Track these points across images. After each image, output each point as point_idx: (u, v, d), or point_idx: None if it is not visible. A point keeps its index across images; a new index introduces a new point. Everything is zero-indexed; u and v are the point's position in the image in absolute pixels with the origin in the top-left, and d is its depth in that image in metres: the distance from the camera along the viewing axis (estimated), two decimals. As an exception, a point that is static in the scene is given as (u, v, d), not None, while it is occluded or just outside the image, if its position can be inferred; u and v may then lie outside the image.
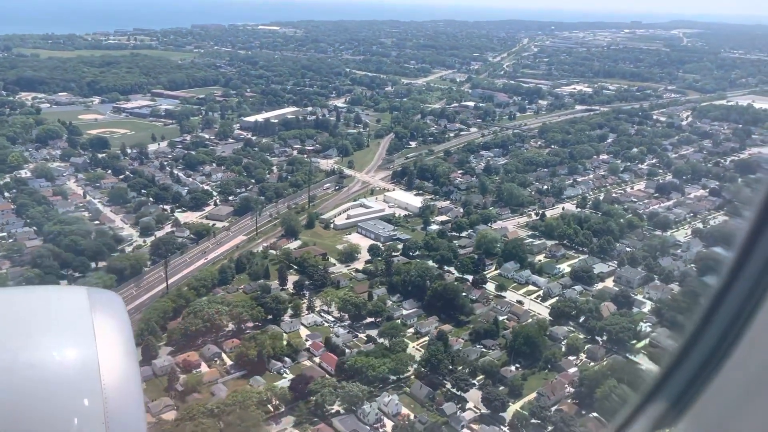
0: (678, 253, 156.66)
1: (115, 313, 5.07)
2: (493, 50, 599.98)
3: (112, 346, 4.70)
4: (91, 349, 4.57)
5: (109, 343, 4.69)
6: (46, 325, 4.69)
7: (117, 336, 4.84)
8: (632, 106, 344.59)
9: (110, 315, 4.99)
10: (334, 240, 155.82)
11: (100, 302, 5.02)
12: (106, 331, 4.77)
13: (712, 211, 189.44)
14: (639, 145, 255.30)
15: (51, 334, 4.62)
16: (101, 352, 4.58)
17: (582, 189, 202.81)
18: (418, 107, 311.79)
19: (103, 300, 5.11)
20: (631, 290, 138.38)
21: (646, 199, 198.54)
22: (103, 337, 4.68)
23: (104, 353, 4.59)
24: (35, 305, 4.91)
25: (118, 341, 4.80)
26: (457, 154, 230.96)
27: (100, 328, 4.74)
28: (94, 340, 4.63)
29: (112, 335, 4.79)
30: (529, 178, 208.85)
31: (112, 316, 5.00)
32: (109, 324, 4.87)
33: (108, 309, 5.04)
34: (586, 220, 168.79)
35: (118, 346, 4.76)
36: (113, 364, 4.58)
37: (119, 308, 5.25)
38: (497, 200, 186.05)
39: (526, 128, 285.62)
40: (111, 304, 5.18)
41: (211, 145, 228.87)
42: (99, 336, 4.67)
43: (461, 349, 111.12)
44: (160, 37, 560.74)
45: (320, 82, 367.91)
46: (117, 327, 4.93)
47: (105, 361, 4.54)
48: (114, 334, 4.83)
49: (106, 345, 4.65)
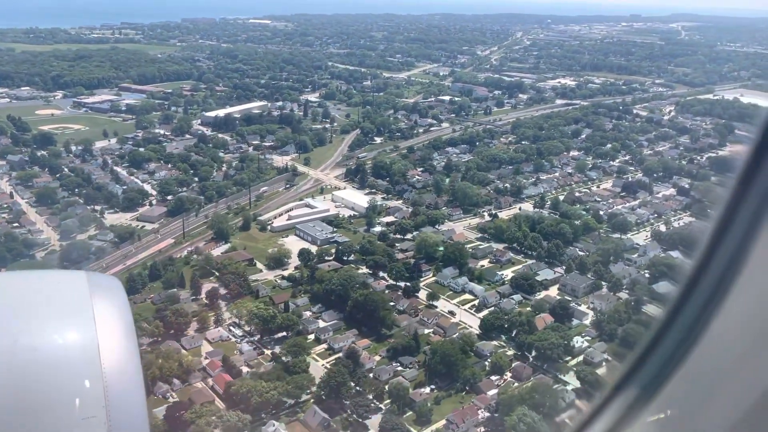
0: (633, 258, 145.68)
1: (114, 297, 5.04)
2: (484, 44, 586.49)
3: (111, 330, 4.69)
4: (90, 332, 4.57)
5: (108, 326, 4.69)
6: (46, 309, 4.70)
7: (116, 319, 4.82)
8: (614, 100, 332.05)
9: (110, 299, 4.97)
10: (268, 243, 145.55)
11: (99, 286, 5.02)
12: (106, 314, 4.76)
13: (678, 212, 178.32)
14: (614, 141, 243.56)
15: (51, 318, 4.63)
16: (101, 336, 4.58)
17: (544, 188, 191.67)
18: (392, 102, 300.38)
19: (102, 284, 5.12)
20: (576, 299, 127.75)
21: (610, 198, 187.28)
22: (102, 321, 4.68)
23: (104, 336, 4.59)
24: (35, 289, 4.94)
25: (117, 325, 4.79)
26: (420, 151, 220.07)
27: (100, 312, 4.73)
28: (93, 323, 4.63)
29: (111, 319, 4.77)
30: (489, 176, 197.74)
31: (112, 300, 4.97)
32: (109, 308, 4.85)
33: (107, 293, 5.03)
34: (540, 221, 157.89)
35: (117, 330, 4.74)
36: (113, 347, 4.58)
37: (119, 292, 5.19)
38: (452, 200, 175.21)
39: (500, 123, 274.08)
40: (110, 288, 5.15)
41: (165, 141, 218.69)
42: (99, 319, 4.66)
43: (375, 367, 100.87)
44: (146, 31, 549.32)
45: (298, 76, 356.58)
46: (116, 311, 4.90)
47: (105, 344, 4.54)
48: (113, 317, 4.81)
49: (105, 328, 4.65)
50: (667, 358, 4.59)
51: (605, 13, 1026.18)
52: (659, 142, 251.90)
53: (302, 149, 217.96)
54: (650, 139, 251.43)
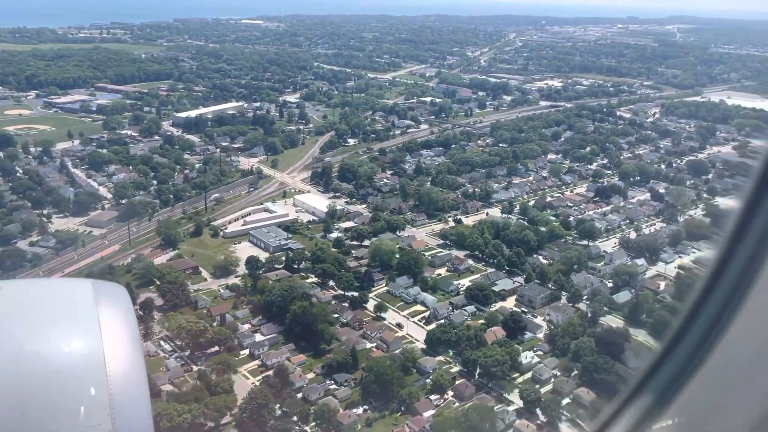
0: (598, 266, 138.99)
1: (119, 305, 5.03)
2: (475, 45, 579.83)
3: (117, 337, 4.69)
4: (96, 340, 4.58)
5: (114, 333, 4.69)
6: (52, 317, 4.70)
7: (122, 327, 4.82)
8: (599, 102, 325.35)
9: (115, 306, 4.95)
10: (219, 250, 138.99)
11: (105, 294, 5.01)
12: (111, 322, 4.76)
13: (650, 218, 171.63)
14: (593, 144, 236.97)
15: (57, 325, 4.63)
16: (106, 343, 4.58)
17: (515, 192, 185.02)
18: (371, 103, 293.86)
19: (108, 292, 5.11)
20: (533, 311, 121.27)
21: (583, 203, 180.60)
22: (108, 328, 4.68)
23: (109, 344, 4.59)
24: (41, 297, 4.93)
25: (122, 332, 4.79)
26: (392, 153, 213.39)
27: (105, 320, 4.74)
28: (99, 330, 4.63)
29: (116, 326, 4.77)
30: (460, 180, 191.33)
31: (117, 308, 4.96)
32: (114, 315, 4.85)
33: (113, 300, 5.01)
34: (505, 227, 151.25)
35: (123, 337, 4.75)
36: (118, 355, 4.58)
37: (124, 300, 5.20)
38: (418, 205, 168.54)
39: (479, 125, 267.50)
40: (116, 296, 5.15)
41: (132, 142, 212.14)
42: (104, 327, 4.67)
43: (305, 386, 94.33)
44: (135, 31, 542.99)
45: (281, 77, 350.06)
46: (122, 318, 4.90)
47: (110, 352, 4.54)
48: (119, 325, 4.81)
49: (111, 336, 4.65)
50: (682, 365, 4.51)
51: (602, 15, 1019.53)
52: (640, 145, 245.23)
53: (271, 151, 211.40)
54: (631, 142, 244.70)
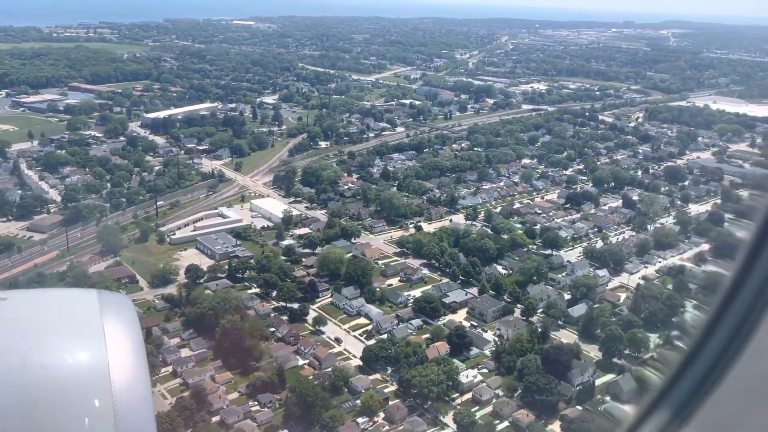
0: (558, 278, 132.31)
1: (124, 316, 4.97)
2: (465, 47, 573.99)
3: (121, 348, 4.63)
4: (101, 351, 4.54)
5: (118, 345, 4.64)
6: (56, 327, 4.66)
7: (126, 338, 4.76)
8: (582, 106, 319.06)
9: (120, 317, 4.90)
10: (162, 257, 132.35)
11: (110, 305, 4.96)
12: (116, 333, 4.71)
13: (620, 226, 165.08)
14: (570, 148, 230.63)
15: (62, 336, 4.59)
16: (111, 354, 4.54)
17: (483, 198, 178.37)
18: (350, 105, 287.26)
19: (113, 302, 5.04)
20: (484, 324, 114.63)
21: (552, 210, 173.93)
22: (112, 339, 4.63)
23: (114, 355, 4.55)
24: (46, 307, 4.88)
25: (127, 343, 4.73)
26: (362, 157, 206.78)
27: (110, 331, 4.69)
28: (104, 342, 4.59)
29: (121, 337, 4.72)
30: (428, 184, 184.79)
31: (122, 319, 4.90)
32: (119, 326, 4.80)
33: (118, 311, 4.95)
34: (465, 235, 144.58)
35: (127, 348, 4.69)
36: (123, 366, 4.53)
37: (129, 311, 5.11)
38: (379, 210, 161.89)
39: (457, 128, 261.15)
40: (121, 307, 5.07)
41: (95, 143, 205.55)
42: (109, 338, 4.63)
43: (225, 407, 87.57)
44: (123, 30, 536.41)
45: (262, 77, 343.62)
46: (126, 329, 4.83)
47: (115, 363, 4.50)
48: (123, 336, 4.75)
49: (115, 347, 4.60)
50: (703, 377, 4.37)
51: (599, 19, 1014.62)
52: (619, 150, 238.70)
53: (237, 153, 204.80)
54: (609, 148, 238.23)
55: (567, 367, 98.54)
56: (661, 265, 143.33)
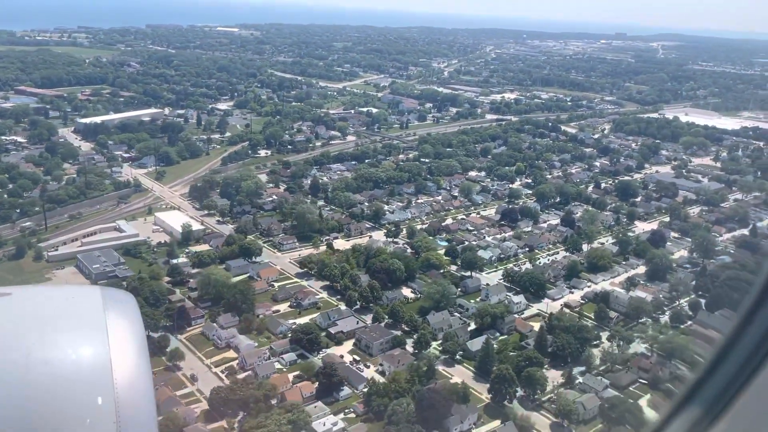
0: (469, 304, 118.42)
1: (127, 312, 4.97)
2: (445, 56, 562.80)
3: (124, 344, 4.63)
4: (103, 347, 4.53)
5: (121, 341, 4.63)
6: (60, 323, 4.66)
7: (129, 334, 4.75)
8: (547, 116, 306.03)
9: (123, 314, 4.89)
10: (34, 277, 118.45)
11: (113, 301, 4.95)
12: (119, 329, 4.70)
13: (555, 245, 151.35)
14: (523, 160, 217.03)
15: (65, 332, 4.59)
16: (114, 350, 4.53)
17: (412, 213, 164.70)
18: (306, 112, 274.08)
19: (116, 299, 5.03)
20: (369, 358, 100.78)
21: (486, 227, 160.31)
22: (115, 336, 4.63)
23: (116, 351, 4.54)
24: (50, 303, 4.91)
25: (130, 339, 4.72)
26: (297, 166, 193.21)
27: (113, 327, 4.68)
28: (106, 338, 4.58)
29: (124, 333, 4.71)
30: (358, 197, 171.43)
31: (125, 315, 4.90)
32: (122, 323, 4.79)
33: (121, 308, 4.95)
34: (376, 254, 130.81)
35: (130, 345, 4.68)
36: (125, 362, 4.52)
37: (132, 307, 5.12)
38: (296, 225, 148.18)
39: (409, 138, 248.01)
40: (124, 304, 5.07)
41: (14, 149, 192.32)
42: (111, 334, 4.62)
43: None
44: (99, 35, 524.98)
45: (224, 83, 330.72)
46: (129, 326, 4.83)
47: (117, 359, 4.49)
48: (126, 332, 4.74)
49: (118, 343, 4.60)
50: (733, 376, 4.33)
51: (592, 31, 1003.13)
52: (575, 162, 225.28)
53: (164, 161, 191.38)
54: (565, 160, 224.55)
55: (444, 413, 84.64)
56: (589, 290, 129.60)
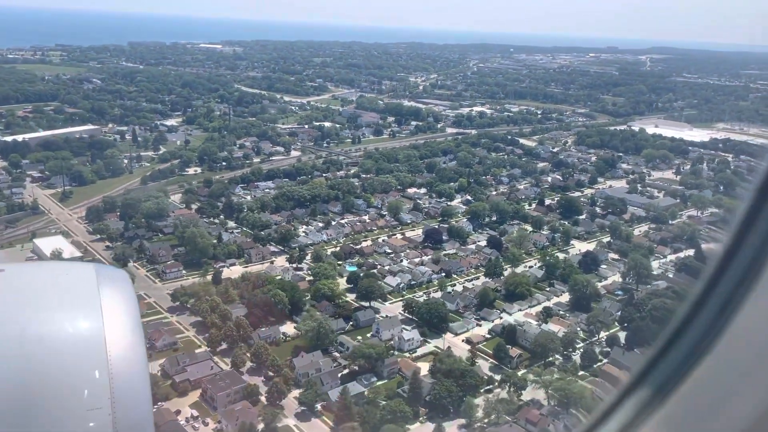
0: (355, 342, 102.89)
1: (121, 289, 4.94)
2: (425, 70, 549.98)
3: (118, 320, 4.61)
4: (97, 322, 4.51)
5: (115, 317, 4.61)
6: (54, 299, 4.63)
7: (123, 311, 4.74)
8: (509, 130, 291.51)
9: (117, 290, 4.87)
10: None
11: (107, 277, 4.92)
12: (113, 305, 4.68)
13: (476, 269, 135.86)
14: (470, 176, 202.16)
15: (59, 308, 4.56)
16: (107, 326, 4.51)
17: (329, 235, 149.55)
18: (256, 127, 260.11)
19: (110, 275, 5.01)
20: (211, 414, 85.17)
21: (407, 249, 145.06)
22: (109, 312, 4.61)
23: (110, 327, 4.52)
24: (44, 280, 4.86)
25: (124, 316, 4.70)
26: (217, 185, 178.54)
27: (107, 303, 4.66)
28: (100, 314, 4.56)
29: (118, 310, 4.69)
30: (275, 217, 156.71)
31: (119, 291, 4.88)
32: (116, 299, 4.77)
33: (115, 284, 4.92)
34: (265, 284, 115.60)
35: (124, 321, 4.66)
36: (119, 338, 4.50)
37: (126, 284, 5.09)
38: (191, 250, 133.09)
39: (354, 154, 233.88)
40: (118, 280, 5.04)
41: None
42: (105, 310, 4.60)
43: None
44: (75, 53, 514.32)
45: (180, 99, 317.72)
46: (123, 302, 4.81)
47: (111, 335, 4.47)
48: (120, 308, 4.72)
49: (112, 319, 4.58)
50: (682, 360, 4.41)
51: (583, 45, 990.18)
52: (526, 177, 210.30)
53: (77, 181, 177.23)
54: (514, 175, 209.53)
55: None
56: (501, 321, 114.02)
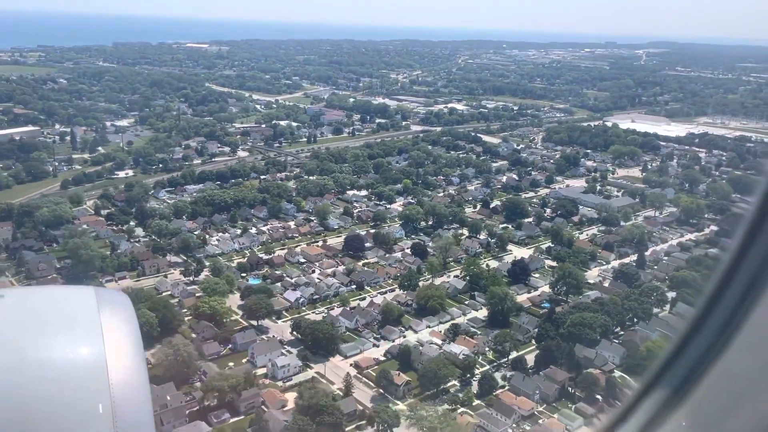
0: (227, 368, 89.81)
1: (122, 312, 4.81)
2: (410, 67, 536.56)
3: (119, 345, 4.49)
4: (99, 347, 4.38)
5: (116, 341, 4.49)
6: (54, 324, 4.51)
7: (124, 334, 4.61)
8: (475, 127, 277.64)
9: (117, 314, 4.74)
10: None
11: (107, 301, 4.79)
12: (114, 329, 4.55)
13: (392, 280, 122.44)
14: (418, 176, 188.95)
15: (60, 333, 4.44)
16: (109, 351, 4.39)
17: (240, 243, 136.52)
18: (208, 126, 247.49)
19: (110, 299, 4.87)
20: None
21: (324, 258, 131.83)
22: (110, 336, 4.48)
23: (112, 351, 4.40)
24: (44, 304, 4.73)
25: (125, 339, 4.58)
26: (142, 188, 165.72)
27: (108, 327, 4.53)
28: (101, 338, 4.44)
29: (119, 334, 4.57)
30: (192, 224, 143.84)
31: (120, 315, 4.75)
32: (117, 322, 4.64)
33: (115, 308, 4.79)
34: (144, 299, 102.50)
35: (125, 345, 4.54)
36: (121, 362, 4.39)
37: (126, 307, 4.94)
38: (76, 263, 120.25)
39: (304, 154, 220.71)
40: (118, 303, 4.90)
41: None
42: (107, 334, 4.48)
43: None
44: (53, 54, 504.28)
45: (141, 98, 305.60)
46: (124, 325, 4.68)
47: (113, 359, 4.35)
48: (121, 332, 4.60)
49: (113, 343, 4.45)
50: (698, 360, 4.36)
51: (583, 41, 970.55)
52: (480, 177, 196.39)
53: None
54: (466, 175, 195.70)
55: None
56: (401, 341, 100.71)
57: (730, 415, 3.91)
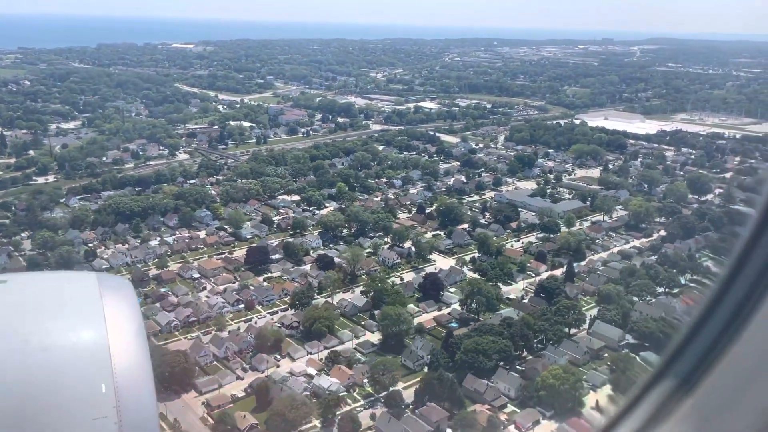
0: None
1: (124, 298, 4.76)
2: (392, 65, 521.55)
3: (122, 330, 4.44)
4: (101, 332, 4.35)
5: (119, 326, 4.44)
6: (57, 310, 4.48)
7: (127, 320, 4.57)
8: (436, 126, 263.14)
9: (120, 299, 4.70)
10: None
11: (109, 287, 4.76)
12: (116, 315, 4.51)
13: (287, 299, 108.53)
14: (356, 179, 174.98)
15: (62, 318, 4.40)
16: (111, 336, 4.35)
17: (133, 257, 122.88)
18: (155, 128, 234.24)
19: (112, 284, 4.84)
20: None
21: (223, 273, 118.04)
22: (113, 321, 4.44)
23: (114, 337, 4.36)
24: (46, 290, 4.68)
25: (127, 325, 4.53)
26: (52, 195, 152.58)
27: (110, 312, 4.49)
28: (104, 323, 4.40)
29: (121, 319, 4.52)
30: (85, 236, 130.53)
31: (122, 301, 4.71)
32: (119, 308, 4.60)
33: (118, 293, 4.76)
34: None
35: (128, 330, 4.50)
36: (123, 348, 4.35)
37: (129, 293, 4.89)
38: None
39: (245, 156, 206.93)
40: (120, 289, 4.86)
41: None
42: (109, 320, 4.43)
43: None
44: (31, 55, 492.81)
45: (100, 99, 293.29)
46: (127, 311, 4.64)
47: (115, 345, 4.32)
48: (124, 317, 4.55)
49: (116, 328, 4.41)
50: (706, 352, 4.34)
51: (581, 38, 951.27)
52: (424, 179, 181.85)
53: None
54: (410, 178, 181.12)
55: None
56: (270, 372, 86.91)
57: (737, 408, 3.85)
